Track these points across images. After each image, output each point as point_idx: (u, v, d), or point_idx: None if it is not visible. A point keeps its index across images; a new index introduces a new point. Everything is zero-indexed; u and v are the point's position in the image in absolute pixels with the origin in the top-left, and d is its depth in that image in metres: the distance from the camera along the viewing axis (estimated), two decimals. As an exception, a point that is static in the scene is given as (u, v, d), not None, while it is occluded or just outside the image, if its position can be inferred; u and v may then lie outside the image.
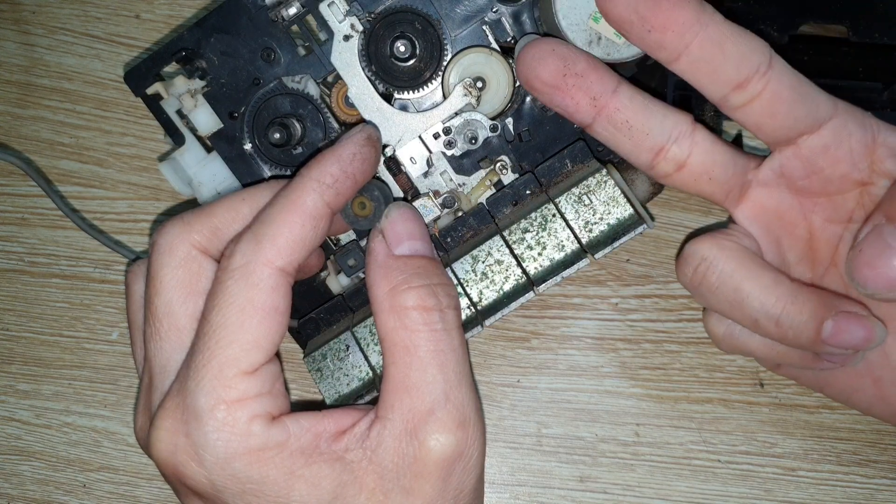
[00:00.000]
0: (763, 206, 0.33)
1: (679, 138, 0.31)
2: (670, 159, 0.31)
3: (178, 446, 0.28)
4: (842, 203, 0.32)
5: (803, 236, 0.33)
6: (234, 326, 0.28)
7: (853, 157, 0.31)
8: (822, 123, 0.31)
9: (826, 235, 0.33)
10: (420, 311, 0.29)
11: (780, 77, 0.30)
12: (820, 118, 0.31)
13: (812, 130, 0.31)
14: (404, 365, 0.29)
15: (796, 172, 0.32)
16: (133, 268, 0.33)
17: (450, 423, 0.29)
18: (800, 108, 0.30)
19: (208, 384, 0.28)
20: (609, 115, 0.31)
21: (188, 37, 0.33)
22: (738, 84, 0.30)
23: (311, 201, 0.29)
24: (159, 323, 0.30)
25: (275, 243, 0.29)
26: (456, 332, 0.30)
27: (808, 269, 0.33)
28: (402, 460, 0.29)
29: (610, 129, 0.31)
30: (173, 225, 0.31)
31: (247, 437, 0.28)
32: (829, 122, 0.31)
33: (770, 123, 0.31)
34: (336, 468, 0.29)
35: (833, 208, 0.32)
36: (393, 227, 0.31)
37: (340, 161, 0.30)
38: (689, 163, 0.31)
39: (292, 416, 0.29)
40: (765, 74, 0.30)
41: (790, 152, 0.31)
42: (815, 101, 0.31)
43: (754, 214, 0.33)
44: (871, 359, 0.33)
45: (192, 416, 0.28)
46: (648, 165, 0.32)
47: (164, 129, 0.34)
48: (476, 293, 0.33)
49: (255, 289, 0.28)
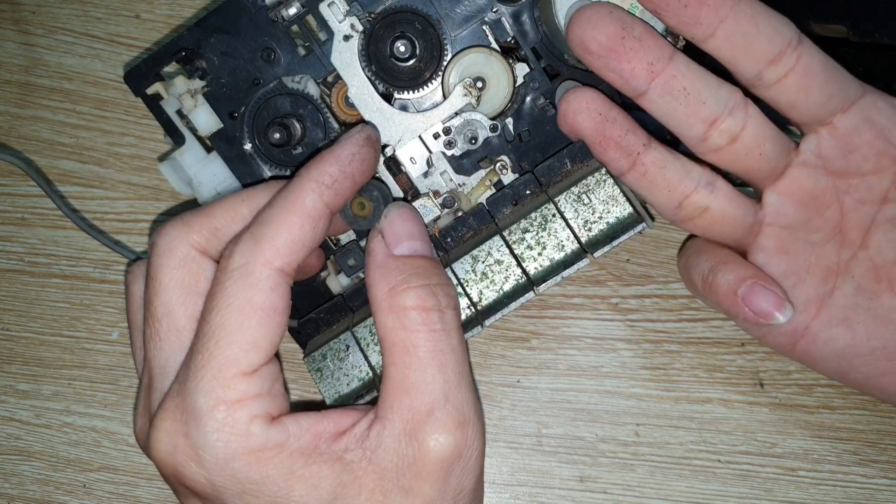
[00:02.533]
0: (800, 186, 0.33)
1: (734, 110, 0.31)
2: (724, 131, 0.31)
3: (178, 447, 0.28)
4: (876, 183, 0.32)
5: (834, 218, 0.33)
6: (233, 327, 0.28)
7: (887, 134, 0.31)
8: (853, 101, 0.31)
9: (857, 217, 0.33)
10: (419, 311, 0.29)
11: (811, 52, 0.30)
12: (851, 96, 0.31)
13: (845, 108, 0.31)
14: (403, 365, 0.29)
15: (834, 152, 0.32)
16: (132, 268, 0.33)
17: (449, 424, 0.29)
18: (832, 83, 0.31)
19: (207, 385, 0.28)
20: (666, 81, 0.30)
21: (188, 37, 0.33)
22: (772, 59, 0.30)
23: (310, 202, 0.29)
24: (158, 324, 0.30)
25: (274, 244, 0.29)
26: (455, 333, 0.30)
27: (834, 252, 0.33)
28: (402, 460, 0.29)
29: (665, 96, 0.31)
30: (172, 226, 0.31)
31: (246, 438, 0.28)
32: (861, 100, 0.31)
33: (804, 100, 0.31)
34: (336, 468, 0.29)
35: (867, 188, 0.33)
36: (392, 227, 0.31)
37: (339, 161, 0.30)
38: (743, 136, 0.31)
39: (292, 416, 0.29)
40: (796, 49, 0.30)
41: (825, 132, 0.32)
42: (844, 78, 0.31)
43: (789, 194, 0.33)
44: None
45: (191, 417, 0.28)
46: (701, 137, 0.31)
47: (164, 129, 0.34)
48: (476, 293, 0.33)
49: (254, 289, 0.28)
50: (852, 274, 0.34)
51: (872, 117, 0.31)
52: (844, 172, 0.33)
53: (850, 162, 0.32)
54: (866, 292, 0.34)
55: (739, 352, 0.41)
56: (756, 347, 0.40)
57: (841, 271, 0.34)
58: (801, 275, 0.34)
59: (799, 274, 0.34)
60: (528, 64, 0.34)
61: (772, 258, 0.34)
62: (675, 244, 0.41)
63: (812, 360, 0.35)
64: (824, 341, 0.34)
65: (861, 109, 0.31)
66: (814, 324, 0.34)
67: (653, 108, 0.31)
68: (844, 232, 0.33)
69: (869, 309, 0.34)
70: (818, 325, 0.34)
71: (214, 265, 0.30)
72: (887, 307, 0.33)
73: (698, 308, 0.41)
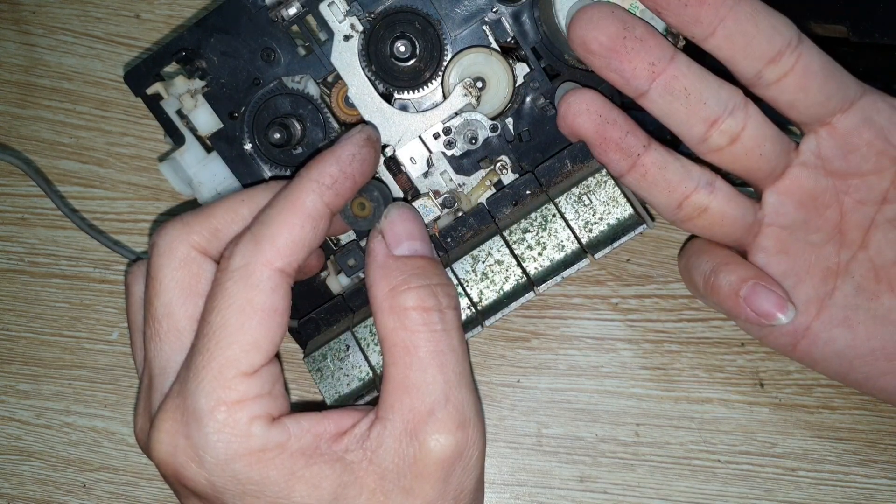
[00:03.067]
0: (799, 186, 0.33)
1: (734, 110, 0.31)
2: (725, 131, 0.31)
3: (179, 448, 0.28)
4: (876, 183, 0.32)
5: (834, 218, 0.33)
6: (233, 328, 0.28)
7: (887, 134, 0.32)
8: (853, 101, 0.31)
9: (857, 218, 0.33)
10: (420, 311, 0.29)
11: (810, 52, 0.30)
12: (850, 96, 0.31)
13: (844, 108, 0.31)
14: (404, 365, 0.29)
15: (834, 152, 0.32)
16: (132, 269, 0.33)
17: (450, 424, 0.29)
18: (831, 83, 0.31)
19: (208, 385, 0.28)
20: (667, 81, 0.30)
21: (188, 37, 0.33)
22: (772, 58, 0.30)
23: (311, 202, 0.29)
24: (159, 324, 0.30)
25: (274, 244, 0.29)
26: (456, 333, 0.30)
27: (834, 252, 0.34)
28: (403, 461, 0.29)
29: (666, 96, 0.31)
30: (173, 226, 0.31)
31: (247, 439, 0.28)
32: (861, 101, 0.31)
33: (804, 100, 0.31)
34: (336, 469, 0.29)
35: (867, 189, 0.33)
36: (392, 227, 0.31)
37: (339, 162, 0.30)
38: (743, 136, 0.31)
39: (292, 416, 0.29)
40: (796, 48, 0.30)
41: (825, 132, 0.32)
42: (844, 78, 0.31)
43: (789, 195, 0.33)
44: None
45: (192, 418, 0.28)
46: (701, 138, 0.31)
47: (164, 129, 0.34)
48: (476, 293, 0.33)
49: (254, 290, 0.28)
50: (852, 274, 0.34)
51: (872, 117, 0.31)
52: (844, 173, 0.33)
53: (849, 162, 0.32)
54: (866, 293, 0.34)
55: (739, 352, 0.41)
56: (756, 347, 0.40)
57: (841, 271, 0.34)
58: (801, 275, 0.34)
59: (799, 274, 0.34)
60: (528, 64, 0.34)
61: (772, 258, 0.34)
62: (676, 244, 0.41)
63: (812, 360, 0.35)
64: (825, 341, 0.34)
65: (861, 110, 0.31)
66: (814, 324, 0.34)
67: (653, 108, 0.31)
68: (844, 232, 0.33)
69: (869, 309, 0.34)
70: (819, 325, 0.34)
71: (215, 265, 0.30)
72: (887, 307, 0.33)
73: (698, 308, 0.41)
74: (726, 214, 0.33)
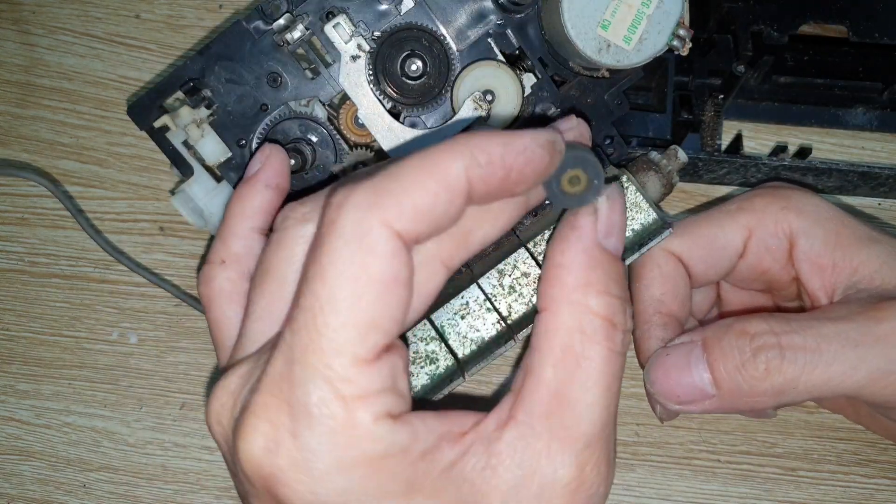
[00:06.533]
0: (741, 305, 0.38)
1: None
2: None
3: (283, 447, 0.23)
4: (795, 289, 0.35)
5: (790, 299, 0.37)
6: (347, 302, 0.23)
7: (779, 264, 0.34)
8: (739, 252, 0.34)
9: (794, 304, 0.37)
10: (607, 323, 0.26)
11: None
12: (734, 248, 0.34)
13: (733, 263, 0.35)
14: (566, 373, 0.25)
15: (749, 285, 0.36)
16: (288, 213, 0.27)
17: (600, 458, 0.25)
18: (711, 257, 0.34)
19: (321, 375, 0.23)
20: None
21: (192, 66, 0.33)
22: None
23: (456, 170, 0.23)
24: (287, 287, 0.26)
25: (399, 201, 0.23)
26: (623, 360, 0.26)
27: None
28: (532, 478, 0.25)
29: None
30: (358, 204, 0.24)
31: (371, 443, 0.23)
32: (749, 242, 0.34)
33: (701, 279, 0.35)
34: (456, 479, 0.24)
35: (793, 291, 0.35)
36: (611, 213, 0.27)
37: (507, 146, 0.24)
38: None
39: (418, 414, 0.24)
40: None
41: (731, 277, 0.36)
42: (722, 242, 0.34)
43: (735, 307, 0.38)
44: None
45: (302, 414, 0.23)
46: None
47: (170, 162, 0.34)
48: (505, 307, 0.31)
49: (370, 255, 0.23)
50: None
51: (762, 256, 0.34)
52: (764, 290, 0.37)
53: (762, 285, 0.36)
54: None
55: (739, 352, 0.41)
56: (756, 347, 0.41)
57: None
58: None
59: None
60: (534, 74, 0.33)
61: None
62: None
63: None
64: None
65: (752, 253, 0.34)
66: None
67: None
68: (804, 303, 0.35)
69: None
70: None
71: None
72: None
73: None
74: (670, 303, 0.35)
